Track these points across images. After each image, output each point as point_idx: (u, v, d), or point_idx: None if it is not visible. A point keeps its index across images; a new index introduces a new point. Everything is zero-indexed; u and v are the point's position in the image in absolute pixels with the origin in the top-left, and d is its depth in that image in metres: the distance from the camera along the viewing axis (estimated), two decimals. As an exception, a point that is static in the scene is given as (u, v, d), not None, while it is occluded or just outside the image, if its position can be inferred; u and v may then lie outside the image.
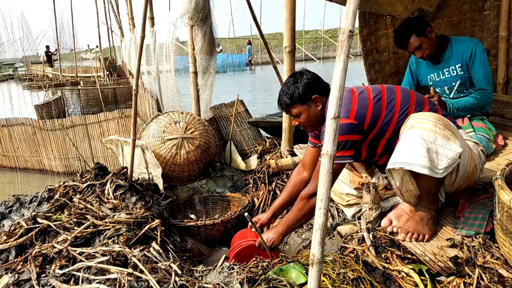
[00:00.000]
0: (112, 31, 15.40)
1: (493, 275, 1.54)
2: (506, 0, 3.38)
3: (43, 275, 1.84)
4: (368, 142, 1.96)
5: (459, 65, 2.73)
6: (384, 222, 2.00)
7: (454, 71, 2.77)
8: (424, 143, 1.69)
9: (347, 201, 2.27)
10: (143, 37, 2.38)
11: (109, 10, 13.45)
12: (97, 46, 16.43)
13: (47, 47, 21.44)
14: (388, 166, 1.79)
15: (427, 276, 1.64)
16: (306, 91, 1.98)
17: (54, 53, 20.13)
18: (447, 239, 1.83)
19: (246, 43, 23.88)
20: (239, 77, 17.68)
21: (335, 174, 1.88)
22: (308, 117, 2.03)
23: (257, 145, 3.79)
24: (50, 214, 2.35)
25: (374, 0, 3.41)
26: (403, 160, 1.72)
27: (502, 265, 1.59)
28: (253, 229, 2.05)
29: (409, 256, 1.80)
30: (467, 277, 1.58)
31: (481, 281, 1.53)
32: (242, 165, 3.55)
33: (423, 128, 1.72)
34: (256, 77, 17.99)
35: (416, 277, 1.63)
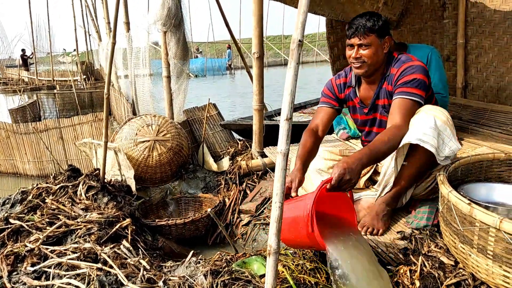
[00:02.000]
0: (89, 35, 15.22)
1: (435, 262, 1.69)
2: (463, 10, 3.58)
3: (15, 273, 1.89)
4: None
5: (417, 70, 2.90)
6: (342, 216, 2.13)
7: (412, 76, 2.94)
8: (437, 128, 1.83)
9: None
10: (114, 43, 2.46)
11: (86, 14, 13.32)
12: (74, 50, 16.21)
13: (23, 50, 21.00)
14: (402, 142, 1.86)
15: (378, 265, 1.79)
16: (386, 27, 2.02)
17: (30, 56, 19.72)
18: (398, 232, 1.97)
19: (225, 47, 23.91)
20: (218, 82, 17.71)
21: (411, 112, 1.94)
22: (375, 52, 2.01)
23: (229, 147, 3.88)
24: (23, 215, 2.39)
25: (341, 9, 3.57)
26: (417, 136, 1.82)
27: (444, 253, 1.74)
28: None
29: (364, 248, 1.94)
30: (413, 265, 1.72)
31: (424, 268, 1.67)
32: (214, 166, 3.64)
33: (437, 117, 1.87)
34: (236, 81, 18.07)
35: (368, 267, 1.77)
